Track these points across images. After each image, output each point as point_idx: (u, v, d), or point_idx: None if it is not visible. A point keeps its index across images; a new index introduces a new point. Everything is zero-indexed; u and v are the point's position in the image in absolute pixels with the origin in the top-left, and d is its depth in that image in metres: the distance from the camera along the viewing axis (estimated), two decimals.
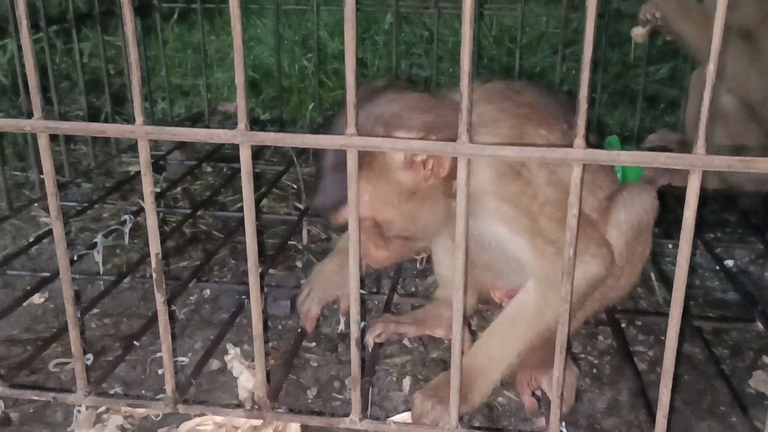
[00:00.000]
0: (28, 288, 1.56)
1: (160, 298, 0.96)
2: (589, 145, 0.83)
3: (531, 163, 1.11)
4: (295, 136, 0.88)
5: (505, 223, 1.12)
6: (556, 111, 1.23)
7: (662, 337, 1.50)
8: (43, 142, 0.91)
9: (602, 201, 1.23)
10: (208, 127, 2.72)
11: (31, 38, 0.86)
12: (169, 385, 1.01)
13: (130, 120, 2.59)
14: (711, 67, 0.77)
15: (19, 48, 2.09)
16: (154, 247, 0.94)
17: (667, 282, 1.63)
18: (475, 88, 1.18)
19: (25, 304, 1.55)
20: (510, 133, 1.12)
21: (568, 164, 0.85)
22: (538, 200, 1.10)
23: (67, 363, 1.37)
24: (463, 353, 0.94)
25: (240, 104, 0.86)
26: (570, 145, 0.83)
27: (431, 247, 1.43)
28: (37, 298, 1.59)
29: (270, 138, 0.88)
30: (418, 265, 1.72)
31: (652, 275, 1.73)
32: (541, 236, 1.11)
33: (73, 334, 0.99)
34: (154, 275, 0.95)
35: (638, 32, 2.08)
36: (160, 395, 1.06)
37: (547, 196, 1.11)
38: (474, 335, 1.42)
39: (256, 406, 1.00)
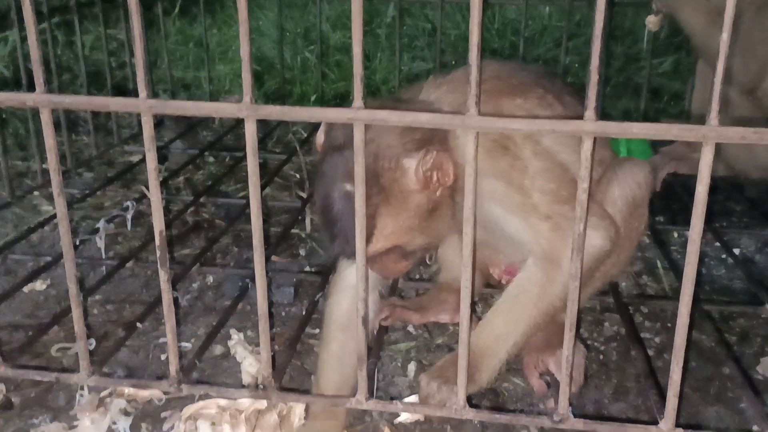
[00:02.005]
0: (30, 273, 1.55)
1: (164, 276, 0.95)
2: None
3: (516, 136, 1.10)
4: (301, 109, 0.87)
5: (498, 203, 1.10)
6: (525, 77, 1.22)
7: (669, 324, 1.49)
8: (46, 117, 0.89)
9: (597, 176, 1.22)
10: (211, 119, 2.72)
11: (33, 11, 0.85)
12: (173, 366, 0.99)
13: (131, 113, 2.58)
14: (725, 36, 0.76)
15: (22, 40, 2.10)
16: (158, 224, 0.93)
17: (675, 269, 1.62)
18: (438, 84, 1.18)
19: (26, 290, 1.55)
20: (484, 108, 1.10)
21: (572, 136, 0.83)
22: (528, 174, 1.09)
23: (69, 348, 1.36)
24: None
25: (245, 77, 0.85)
26: (580, 117, 0.82)
27: None
28: (39, 285, 1.58)
29: (275, 111, 0.86)
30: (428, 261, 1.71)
31: (659, 263, 1.72)
32: (536, 213, 1.09)
33: (76, 313, 0.98)
34: (158, 252, 0.94)
35: (652, 20, 2.08)
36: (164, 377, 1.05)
37: (536, 168, 1.10)
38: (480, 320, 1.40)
39: (262, 386, 0.99)
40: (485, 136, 1.07)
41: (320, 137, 1.14)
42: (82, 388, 1.22)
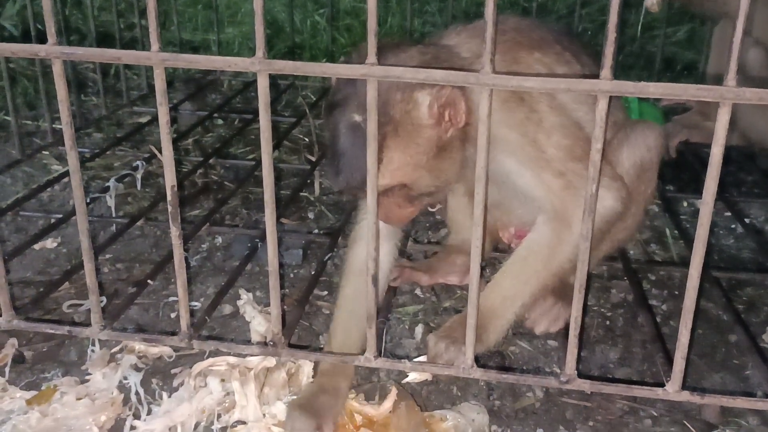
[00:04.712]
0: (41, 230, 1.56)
1: (175, 232, 0.95)
2: None
3: None
4: (314, 65, 0.86)
5: (511, 154, 1.10)
6: (545, 34, 1.21)
7: (676, 292, 1.49)
8: (57, 69, 0.89)
9: (609, 137, 1.21)
10: (218, 82, 2.70)
11: None
12: (184, 321, 1.00)
13: (140, 74, 2.57)
14: None
15: None
16: (170, 179, 0.93)
17: (684, 237, 1.62)
18: (459, 31, 1.17)
19: (37, 248, 1.56)
20: (503, 59, 1.10)
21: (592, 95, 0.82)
22: (543, 127, 1.08)
23: (80, 305, 1.37)
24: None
25: (258, 31, 0.84)
26: (596, 76, 0.81)
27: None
28: (50, 243, 1.59)
29: (288, 66, 0.86)
30: (436, 217, 1.70)
31: (668, 231, 1.71)
32: (549, 168, 1.09)
33: (89, 266, 0.99)
34: (170, 208, 0.94)
35: (651, 1, 2.00)
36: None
37: (552, 122, 1.09)
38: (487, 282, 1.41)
39: (271, 343, 1.00)
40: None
41: None
42: (93, 344, 1.23)
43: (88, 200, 1.61)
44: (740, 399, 0.94)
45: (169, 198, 0.94)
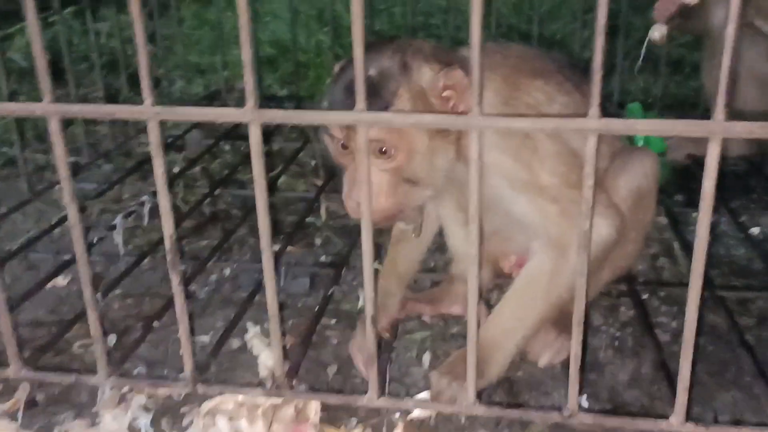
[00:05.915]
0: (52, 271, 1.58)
1: (175, 280, 0.97)
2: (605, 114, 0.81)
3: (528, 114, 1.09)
4: (305, 113, 0.87)
5: (505, 179, 1.09)
6: (548, 63, 1.21)
7: (685, 308, 1.47)
8: (54, 126, 0.91)
9: (606, 165, 1.21)
10: (225, 105, 2.73)
11: (37, 19, 0.86)
12: (188, 366, 1.01)
13: None
14: (729, 30, 0.75)
15: (44, 26, 2.12)
16: (168, 228, 0.94)
17: (692, 252, 1.60)
18: (463, 52, 1.17)
19: (49, 286, 1.57)
20: (503, 85, 1.10)
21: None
22: (538, 154, 1.08)
23: (91, 344, 1.38)
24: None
25: (247, 81, 0.85)
26: (584, 115, 0.81)
27: (442, 221, 1.41)
28: (61, 280, 1.60)
29: (279, 116, 0.87)
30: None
31: (675, 245, 1.70)
32: (544, 194, 1.08)
33: (92, 317, 1.00)
34: (169, 257, 0.95)
35: (661, 33, 1.92)
36: (181, 375, 1.07)
37: (546, 149, 1.08)
38: (491, 310, 1.41)
39: (275, 385, 1.01)
40: (497, 110, 1.06)
41: None
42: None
43: (95, 239, 1.64)
44: (746, 429, 0.94)
45: (168, 247, 0.95)
